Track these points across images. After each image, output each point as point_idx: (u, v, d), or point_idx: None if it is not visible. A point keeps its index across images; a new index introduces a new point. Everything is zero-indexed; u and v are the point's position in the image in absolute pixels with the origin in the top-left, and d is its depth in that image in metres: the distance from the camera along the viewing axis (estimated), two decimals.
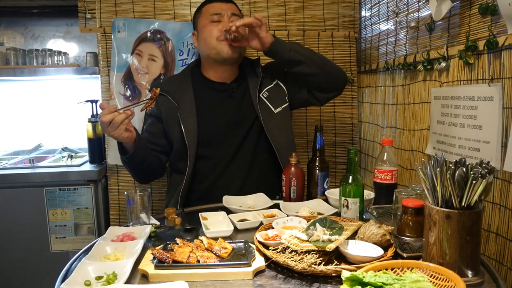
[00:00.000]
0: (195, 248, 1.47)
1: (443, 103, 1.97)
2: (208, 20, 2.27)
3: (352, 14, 3.06)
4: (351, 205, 1.77)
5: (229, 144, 2.29)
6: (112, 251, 1.49)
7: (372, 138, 2.95)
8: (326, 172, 2.17)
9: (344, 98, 3.10)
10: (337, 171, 3.16)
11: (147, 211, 1.74)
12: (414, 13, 2.25)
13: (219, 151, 2.29)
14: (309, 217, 1.76)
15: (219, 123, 2.30)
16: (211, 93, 2.34)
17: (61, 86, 3.58)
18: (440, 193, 1.26)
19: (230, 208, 1.96)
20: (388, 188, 1.92)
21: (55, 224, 2.85)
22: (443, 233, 1.24)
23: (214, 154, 2.29)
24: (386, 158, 1.97)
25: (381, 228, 1.49)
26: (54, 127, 3.63)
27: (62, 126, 3.62)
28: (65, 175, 2.84)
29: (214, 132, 2.28)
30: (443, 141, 1.99)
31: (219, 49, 2.24)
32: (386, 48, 2.63)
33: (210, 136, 2.27)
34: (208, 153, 2.28)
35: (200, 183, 2.28)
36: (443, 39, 2.00)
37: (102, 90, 2.91)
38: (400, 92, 2.47)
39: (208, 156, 2.28)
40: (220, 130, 2.29)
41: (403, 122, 2.43)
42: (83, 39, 3.63)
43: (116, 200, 2.99)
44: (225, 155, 2.29)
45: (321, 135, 2.19)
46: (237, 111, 2.32)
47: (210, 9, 2.29)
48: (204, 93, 2.33)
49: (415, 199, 1.55)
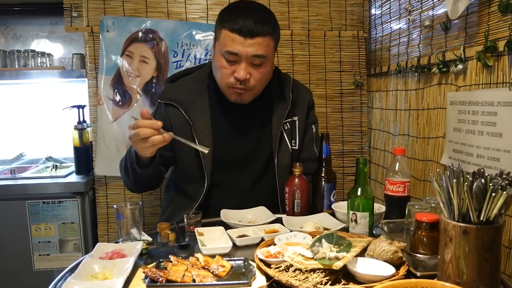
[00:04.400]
0: (191, 266, 1.47)
1: (460, 109, 1.98)
2: (222, 53, 2.05)
3: (361, 12, 3.08)
4: (360, 219, 1.77)
5: (244, 174, 2.26)
6: (100, 269, 1.49)
7: (382, 146, 2.95)
8: (333, 184, 2.17)
9: (353, 103, 3.11)
10: (345, 182, 3.17)
11: (138, 226, 1.74)
12: (429, 11, 2.26)
13: (234, 180, 2.25)
14: (315, 232, 1.76)
15: (235, 151, 2.25)
16: (229, 113, 2.25)
17: (45, 90, 3.59)
18: (457, 206, 1.26)
19: (228, 223, 1.95)
20: (400, 201, 1.92)
21: (38, 240, 2.85)
22: (460, 250, 1.24)
23: (228, 183, 2.24)
24: (398, 169, 1.97)
25: (393, 244, 1.49)
26: (38, 134, 3.64)
27: (46, 133, 3.63)
28: (49, 187, 2.84)
29: (228, 160, 2.23)
30: (460, 150, 1.99)
31: (227, 94, 2.14)
32: (398, 49, 2.64)
33: (224, 164, 2.21)
34: (222, 182, 2.23)
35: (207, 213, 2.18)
36: (460, 39, 2.01)
37: (90, 94, 2.92)
38: (413, 96, 2.48)
39: (221, 185, 2.24)
40: (235, 158, 2.24)
41: (417, 129, 2.44)
42: (69, 39, 3.64)
43: (104, 214, 2.99)
44: (242, 185, 2.26)
45: (328, 143, 2.18)
46: (256, 139, 2.27)
47: (227, 41, 2.01)
48: (222, 113, 2.24)
49: (429, 213, 1.55)
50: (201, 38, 2.93)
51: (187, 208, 2.15)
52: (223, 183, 2.23)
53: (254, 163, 2.26)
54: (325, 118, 3.09)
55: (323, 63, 3.10)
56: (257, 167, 2.27)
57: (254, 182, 2.27)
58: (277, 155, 2.23)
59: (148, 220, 2.97)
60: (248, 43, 1.99)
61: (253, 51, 2.00)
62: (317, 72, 3.10)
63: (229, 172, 2.23)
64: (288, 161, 2.25)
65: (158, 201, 3.02)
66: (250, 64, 2.04)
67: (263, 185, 2.28)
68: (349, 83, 3.13)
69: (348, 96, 3.15)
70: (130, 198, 2.97)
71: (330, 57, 3.10)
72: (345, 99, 3.15)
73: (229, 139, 2.24)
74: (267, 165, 2.28)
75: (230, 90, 2.11)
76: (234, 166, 2.23)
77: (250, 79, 2.06)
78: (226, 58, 2.03)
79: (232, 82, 2.06)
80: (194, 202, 2.19)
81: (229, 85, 2.09)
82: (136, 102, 2.88)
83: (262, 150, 2.26)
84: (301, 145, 2.32)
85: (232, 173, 2.24)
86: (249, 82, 2.06)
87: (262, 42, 2.02)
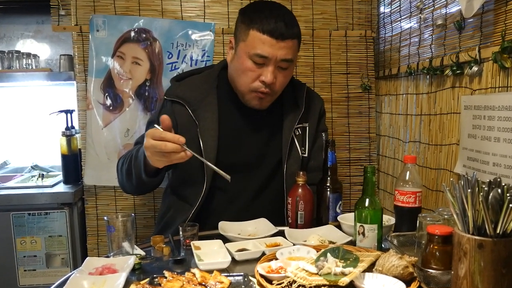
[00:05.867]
0: (186, 282, 1.47)
1: (475, 114, 1.98)
2: (249, 55, 2.06)
3: (369, 10, 3.08)
4: (368, 232, 1.77)
5: (250, 179, 2.27)
6: (89, 285, 1.49)
7: (392, 154, 2.95)
8: (339, 194, 2.17)
9: (360, 107, 3.12)
10: (352, 192, 3.17)
11: (130, 239, 1.74)
12: (441, 9, 2.27)
13: (239, 184, 2.23)
14: (319, 246, 1.76)
15: (242, 155, 2.27)
16: (238, 116, 2.27)
17: (30, 94, 3.60)
18: (472, 218, 1.26)
19: (227, 236, 1.95)
20: (411, 213, 1.92)
21: (24, 255, 2.85)
22: (475, 265, 1.24)
23: (232, 187, 2.20)
24: (408, 178, 1.97)
25: (403, 259, 1.49)
26: (23, 141, 3.64)
27: (31, 140, 3.64)
28: (35, 197, 2.85)
29: (234, 163, 2.23)
30: (475, 157, 1.99)
31: (247, 98, 2.17)
32: (408, 49, 2.65)
33: (228, 167, 2.14)
34: (225, 186, 2.21)
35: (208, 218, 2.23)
36: (474, 39, 2.01)
37: (78, 98, 2.93)
38: (424, 100, 2.48)
39: (224, 188, 2.24)
40: (242, 162, 2.26)
41: (428, 135, 2.44)
42: (56, 39, 3.66)
43: (94, 227, 2.99)
44: (247, 190, 2.27)
45: (333, 151, 2.19)
46: (264, 144, 2.29)
47: (257, 43, 2.03)
48: (230, 114, 2.26)
49: (442, 225, 1.56)
50: (198, 38, 2.93)
51: (186, 213, 2.18)
52: (227, 187, 2.22)
53: (261, 168, 2.28)
54: (330, 124, 3.09)
55: (328, 65, 3.11)
56: (265, 172, 2.29)
57: (260, 188, 2.28)
58: (286, 162, 2.25)
59: (141, 233, 2.97)
60: (279, 46, 2.03)
61: (283, 55, 2.04)
62: (322, 74, 3.11)
63: (234, 175, 2.21)
64: (298, 168, 2.27)
65: (151, 212, 3.02)
66: (277, 68, 2.07)
67: (269, 192, 2.30)
68: (356, 86, 3.13)
69: (355, 100, 3.15)
70: (121, 209, 2.97)
71: (335, 59, 3.11)
72: (352, 103, 3.15)
73: (236, 142, 2.26)
74: (275, 171, 2.29)
75: (252, 95, 2.14)
76: (240, 170, 2.23)
77: (276, 83, 2.09)
78: (254, 60, 2.06)
79: (257, 86, 2.10)
80: (191, 207, 2.19)
81: (252, 89, 2.11)
82: (128, 107, 2.89)
83: (270, 155, 2.29)
84: (310, 153, 2.35)
85: (237, 177, 2.19)
86: (274, 86, 2.10)
87: (291, 45, 2.07)
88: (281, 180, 2.26)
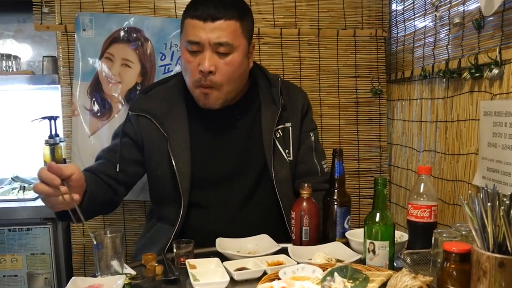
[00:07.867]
0: None
1: (495, 121, 1.99)
2: (185, 45, 2.08)
3: (380, 8, 3.10)
4: (378, 249, 1.77)
5: (231, 191, 2.26)
6: None
7: (405, 164, 2.96)
8: (347, 208, 2.17)
9: (370, 114, 3.12)
10: (361, 206, 3.17)
11: (119, 257, 1.74)
12: (459, 7, 2.28)
13: (219, 198, 2.24)
14: (326, 265, 1.77)
15: (219, 166, 2.25)
16: (210, 124, 2.25)
17: (11, 98, 3.61)
18: (492, 234, 1.26)
19: (225, 254, 1.94)
20: (426, 228, 1.92)
21: (3, 274, 2.85)
22: (495, 285, 1.24)
23: (212, 202, 2.23)
24: (423, 191, 1.97)
25: (417, 279, 1.49)
26: (2, 150, 3.65)
27: (12, 149, 3.64)
28: (15, 211, 2.85)
29: (211, 175, 2.23)
30: (495, 168, 2.00)
31: (195, 97, 2.15)
32: (423, 50, 2.66)
33: (205, 181, 2.22)
34: (204, 201, 2.23)
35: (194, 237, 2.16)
36: (495, 39, 2.02)
37: (63, 104, 2.93)
38: (440, 106, 2.49)
39: (203, 205, 2.24)
40: (220, 173, 2.24)
41: (445, 144, 2.45)
42: (38, 39, 3.66)
43: (80, 244, 2.99)
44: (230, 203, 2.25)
45: (341, 161, 2.18)
46: (243, 150, 2.27)
47: (188, 29, 2.06)
48: (201, 124, 2.24)
49: (459, 242, 1.56)
50: None
51: (166, 236, 2.17)
52: (206, 202, 2.23)
53: (243, 178, 2.26)
54: (338, 132, 3.10)
55: (336, 67, 3.11)
56: (248, 182, 2.26)
57: (245, 200, 2.26)
58: (273, 167, 2.22)
59: (131, 251, 2.97)
60: (209, 28, 2.00)
61: (216, 38, 2.00)
62: (329, 77, 3.12)
63: (212, 189, 2.23)
64: (287, 173, 2.26)
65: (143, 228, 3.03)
66: (215, 54, 2.04)
67: (256, 202, 2.28)
68: (366, 91, 3.14)
69: (364, 105, 3.16)
70: (110, 224, 2.97)
71: (343, 60, 3.12)
72: (361, 109, 3.16)
73: (211, 152, 2.25)
74: (259, 179, 2.27)
75: (197, 91, 2.11)
76: (219, 182, 2.23)
77: (216, 73, 2.05)
78: (189, 49, 2.05)
79: (198, 79, 2.06)
80: (173, 227, 2.17)
81: (196, 84, 2.08)
82: (118, 113, 2.89)
83: (252, 162, 2.26)
84: (296, 156, 2.33)
85: (216, 191, 2.23)
86: (215, 77, 2.05)
87: (225, 27, 2.02)
88: (270, 189, 2.24)
